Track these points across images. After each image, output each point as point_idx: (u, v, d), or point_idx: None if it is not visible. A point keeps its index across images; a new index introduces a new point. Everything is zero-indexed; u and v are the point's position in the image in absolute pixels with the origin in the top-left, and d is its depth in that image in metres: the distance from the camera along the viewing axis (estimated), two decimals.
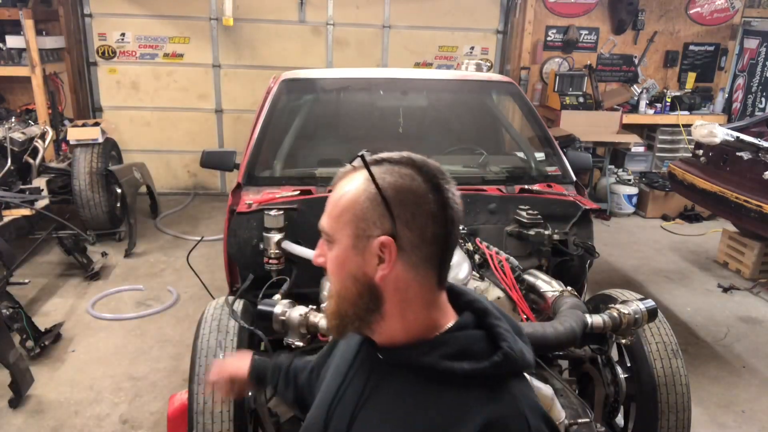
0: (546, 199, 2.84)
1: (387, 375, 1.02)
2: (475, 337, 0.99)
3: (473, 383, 0.94)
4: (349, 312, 1.00)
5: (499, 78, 3.88)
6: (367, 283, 0.97)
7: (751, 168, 4.33)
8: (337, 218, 0.99)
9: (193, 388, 2.07)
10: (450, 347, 0.97)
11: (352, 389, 1.07)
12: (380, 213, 0.95)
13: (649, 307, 2.07)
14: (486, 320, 1.01)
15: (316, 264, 1.06)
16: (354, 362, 1.11)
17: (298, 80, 3.49)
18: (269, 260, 2.50)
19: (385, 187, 0.95)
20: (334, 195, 1.01)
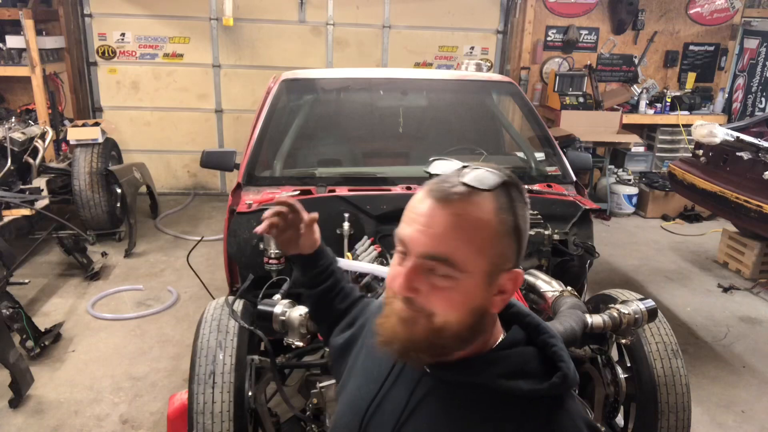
0: (546, 199, 2.84)
1: (434, 389, 0.97)
2: (529, 355, 0.96)
3: (529, 403, 0.91)
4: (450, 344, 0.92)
5: (499, 78, 3.88)
6: (483, 314, 0.92)
7: (751, 168, 4.33)
8: (474, 254, 0.88)
9: (193, 388, 2.07)
10: (505, 366, 0.93)
11: (392, 400, 1.02)
12: (515, 248, 0.92)
13: (649, 307, 2.07)
14: (540, 337, 0.98)
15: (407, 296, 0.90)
16: (392, 371, 1.04)
17: (298, 80, 3.49)
18: (269, 260, 2.50)
19: (518, 219, 0.91)
20: (464, 223, 0.87)
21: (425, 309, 0.90)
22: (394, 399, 1.02)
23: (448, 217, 0.87)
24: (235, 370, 2.09)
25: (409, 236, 0.90)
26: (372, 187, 2.79)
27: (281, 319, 1.96)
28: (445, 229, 0.87)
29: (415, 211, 0.91)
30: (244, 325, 2.17)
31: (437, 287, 0.89)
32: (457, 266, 0.87)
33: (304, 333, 1.96)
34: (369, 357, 1.13)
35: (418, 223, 0.90)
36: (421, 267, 0.89)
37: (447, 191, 0.89)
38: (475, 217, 0.87)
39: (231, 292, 2.80)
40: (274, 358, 2.11)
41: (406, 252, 0.91)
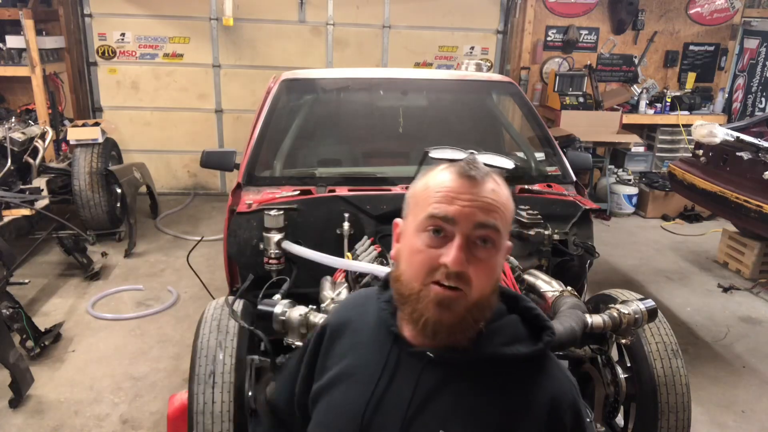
0: (546, 199, 2.84)
1: (440, 374, 1.01)
2: (516, 322, 1.06)
3: (528, 364, 1.02)
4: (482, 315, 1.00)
5: (499, 78, 3.88)
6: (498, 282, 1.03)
7: (751, 168, 4.33)
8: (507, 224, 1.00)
9: (193, 388, 2.07)
10: (503, 335, 1.03)
11: (393, 395, 1.02)
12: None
13: (649, 307, 2.07)
14: (519, 305, 1.08)
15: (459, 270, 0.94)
16: (385, 367, 1.05)
17: (298, 80, 3.49)
18: (269, 260, 2.50)
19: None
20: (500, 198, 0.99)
21: (470, 282, 0.95)
22: (395, 395, 1.02)
23: (490, 192, 0.97)
24: (235, 370, 2.09)
25: (457, 211, 0.95)
26: (372, 187, 2.79)
27: (281, 319, 1.96)
28: (492, 201, 0.97)
29: (453, 191, 0.97)
30: (244, 325, 2.16)
31: (480, 259, 0.96)
32: (503, 233, 0.98)
33: (304, 333, 1.96)
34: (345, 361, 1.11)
35: (462, 200, 0.96)
36: (471, 238, 0.96)
37: (481, 170, 0.99)
38: (504, 192, 1.00)
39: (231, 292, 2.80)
40: (274, 358, 2.11)
41: (448, 229, 0.96)
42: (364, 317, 1.13)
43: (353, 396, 1.05)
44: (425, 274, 0.96)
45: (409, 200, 1.05)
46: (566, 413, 1.01)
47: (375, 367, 1.05)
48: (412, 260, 0.98)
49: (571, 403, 1.03)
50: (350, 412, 1.04)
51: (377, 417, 1.02)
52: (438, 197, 0.97)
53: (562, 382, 1.04)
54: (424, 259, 0.96)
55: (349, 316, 1.17)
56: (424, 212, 0.98)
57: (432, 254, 0.96)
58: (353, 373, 1.08)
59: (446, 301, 0.95)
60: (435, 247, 0.96)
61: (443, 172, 1.01)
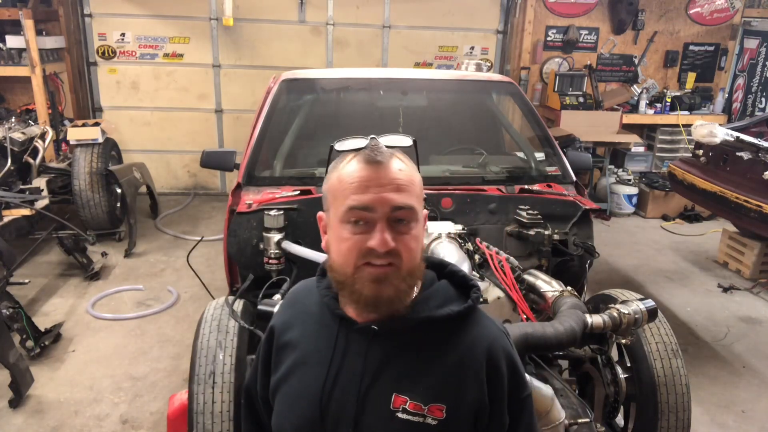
0: (546, 199, 2.84)
1: (385, 344, 1.10)
2: (446, 286, 1.16)
3: (462, 321, 1.12)
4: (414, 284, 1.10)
5: (499, 78, 3.88)
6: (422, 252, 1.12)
7: (751, 168, 4.33)
8: (418, 196, 1.08)
9: (193, 388, 2.07)
10: (436, 299, 1.12)
11: (346, 374, 1.10)
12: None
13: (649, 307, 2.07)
14: (446, 270, 1.19)
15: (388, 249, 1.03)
16: (336, 347, 1.12)
17: (298, 80, 3.49)
18: (269, 260, 2.50)
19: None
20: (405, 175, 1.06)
21: (400, 256, 1.03)
22: (348, 370, 1.10)
23: (397, 173, 1.05)
24: (235, 370, 2.09)
25: (373, 199, 1.03)
26: None
27: None
28: (401, 183, 1.04)
29: (365, 178, 1.04)
30: (244, 325, 2.17)
31: (404, 234, 1.04)
32: (416, 209, 1.06)
33: None
34: (297, 351, 1.18)
35: (374, 185, 1.03)
36: (388, 221, 1.03)
37: (385, 153, 1.06)
38: (409, 169, 1.08)
39: (231, 292, 2.80)
40: None
41: (368, 217, 1.03)
42: (307, 308, 1.21)
43: (309, 380, 1.12)
44: (356, 258, 1.04)
45: (327, 194, 1.12)
46: (501, 360, 1.11)
47: (326, 349, 1.13)
48: (341, 248, 1.06)
49: (504, 348, 1.13)
50: (309, 395, 1.11)
51: (335, 394, 1.09)
52: (352, 188, 1.04)
53: (494, 331, 1.14)
54: (352, 246, 1.04)
55: (292, 311, 1.25)
56: (343, 204, 1.05)
57: (359, 240, 1.04)
58: (306, 359, 1.15)
59: (381, 277, 1.04)
60: (360, 233, 1.04)
61: (351, 162, 1.08)
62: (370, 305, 1.06)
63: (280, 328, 1.24)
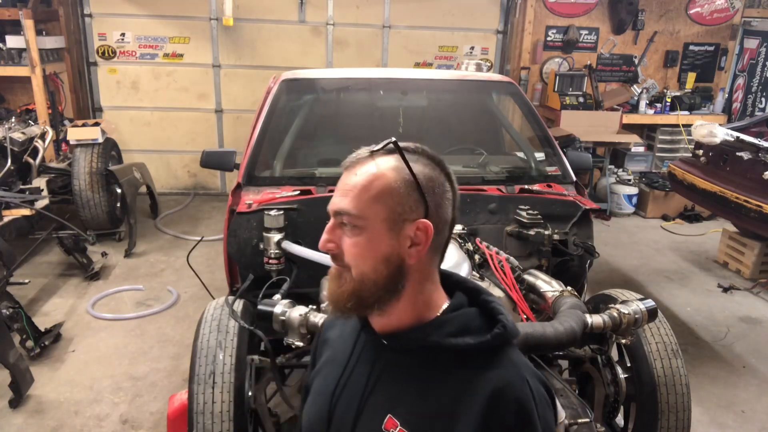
0: (546, 199, 2.84)
1: (392, 360, 1.07)
2: (472, 315, 1.07)
3: (476, 356, 1.02)
4: (372, 293, 1.03)
5: (499, 78, 3.88)
6: (398, 265, 1.03)
7: (751, 168, 4.33)
8: (370, 202, 1.00)
9: (193, 388, 2.07)
10: (452, 326, 1.04)
11: (355, 378, 1.10)
12: (415, 199, 1.01)
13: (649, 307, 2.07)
14: (479, 298, 1.10)
15: (326, 249, 1.05)
16: (353, 352, 1.13)
17: (298, 80, 3.49)
18: (269, 260, 2.50)
19: (417, 175, 1.01)
20: (360, 179, 1.02)
21: (344, 261, 1.03)
22: (357, 376, 1.10)
23: (352, 177, 1.03)
24: (235, 370, 2.09)
25: (330, 203, 1.05)
26: None
27: (281, 319, 1.96)
28: (349, 186, 1.02)
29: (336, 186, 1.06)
30: (244, 325, 2.17)
31: (349, 239, 1.02)
32: (358, 215, 1.00)
33: (304, 333, 1.96)
34: (331, 349, 1.21)
35: (335, 191, 1.05)
36: (335, 224, 1.04)
37: (353, 159, 1.05)
38: (372, 173, 1.01)
39: (231, 292, 2.80)
40: (274, 358, 2.11)
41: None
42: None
43: (329, 379, 1.15)
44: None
45: None
46: (508, 408, 0.97)
47: (347, 352, 1.14)
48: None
49: (518, 398, 0.98)
50: (324, 394, 1.14)
51: (342, 398, 1.11)
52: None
53: (510, 376, 1.00)
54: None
55: None
56: None
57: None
58: (334, 358, 1.18)
59: (334, 274, 1.06)
60: None
61: None
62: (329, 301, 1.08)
63: (326, 326, 1.29)
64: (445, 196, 1.05)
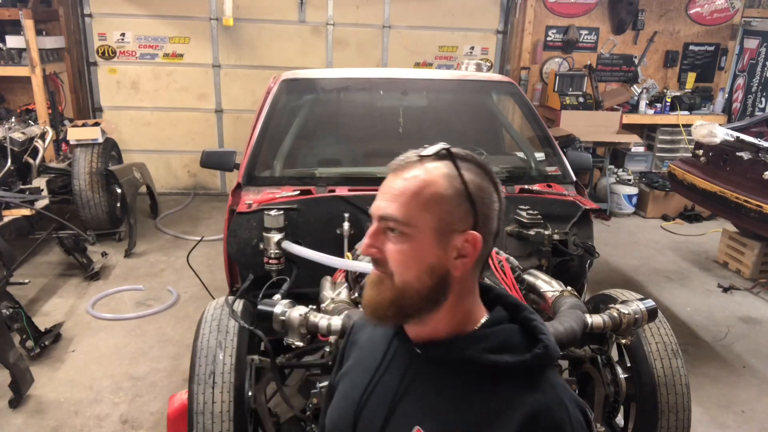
0: (546, 199, 2.84)
1: (425, 370, 1.03)
2: (512, 331, 1.03)
3: (514, 375, 0.98)
4: (414, 303, 1.00)
5: (499, 78, 3.88)
6: (443, 275, 1.00)
7: (751, 168, 4.33)
8: (420, 209, 0.97)
9: (193, 388, 2.07)
10: (491, 341, 1.00)
11: (385, 384, 1.07)
12: (465, 209, 0.98)
13: (649, 307, 2.07)
14: (521, 314, 1.06)
15: (368, 254, 1.02)
16: (384, 358, 1.10)
17: (298, 80, 3.49)
18: (269, 260, 2.50)
19: (468, 184, 0.98)
20: (409, 184, 0.98)
21: (387, 268, 1.00)
22: (386, 383, 1.07)
23: (400, 181, 0.99)
24: (235, 370, 2.09)
25: (373, 206, 1.03)
26: (372, 187, 2.78)
27: (281, 319, 1.96)
28: (397, 191, 0.98)
29: (380, 187, 1.03)
30: (244, 325, 2.17)
31: (394, 246, 0.99)
32: (406, 222, 0.97)
33: (304, 333, 1.96)
34: (360, 352, 1.19)
35: (379, 194, 1.02)
36: (379, 228, 1.01)
37: (400, 162, 1.02)
38: (422, 179, 0.98)
39: (231, 292, 2.80)
40: (274, 358, 2.11)
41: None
42: None
43: (357, 383, 1.12)
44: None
45: None
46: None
47: (378, 357, 1.11)
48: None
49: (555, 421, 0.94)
50: (351, 398, 1.11)
51: (370, 403, 1.08)
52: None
53: (549, 399, 0.96)
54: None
55: None
56: None
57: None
58: (362, 362, 1.15)
59: (374, 280, 1.03)
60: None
61: None
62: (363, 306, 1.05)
63: (356, 327, 1.26)
64: (493, 206, 1.01)
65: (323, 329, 1.94)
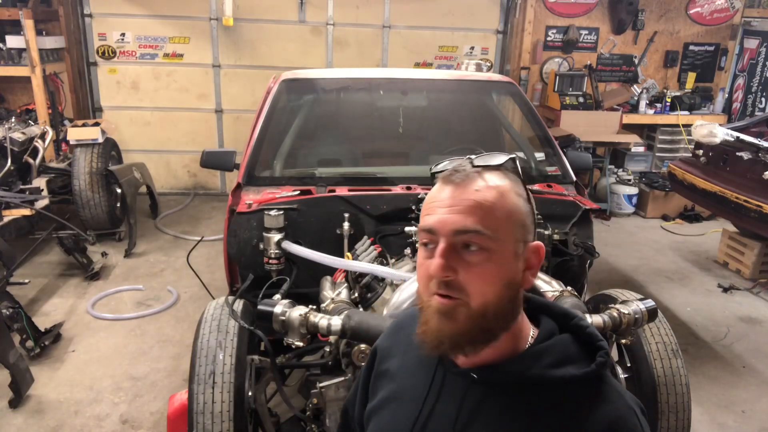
0: (546, 199, 2.84)
1: (484, 396, 0.97)
2: (568, 342, 0.99)
3: (579, 388, 0.94)
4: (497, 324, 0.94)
5: (499, 78, 3.88)
6: (518, 291, 0.96)
7: (751, 168, 4.33)
8: (503, 221, 0.92)
9: (193, 388, 2.07)
10: (551, 356, 0.96)
11: (440, 415, 1.00)
12: (531, 220, 0.97)
13: (649, 307, 2.07)
14: (571, 323, 1.01)
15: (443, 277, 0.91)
16: (431, 387, 1.03)
17: (298, 80, 3.49)
18: (269, 260, 2.50)
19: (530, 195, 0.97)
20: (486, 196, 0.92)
21: (464, 289, 0.91)
22: (441, 415, 1.00)
23: (471, 194, 0.92)
24: (235, 370, 2.09)
25: (436, 221, 0.93)
26: (372, 187, 2.79)
27: (281, 319, 1.96)
28: (471, 203, 0.92)
29: (437, 200, 0.95)
30: (244, 325, 2.16)
31: (472, 264, 0.91)
32: (489, 235, 0.91)
33: (304, 333, 1.96)
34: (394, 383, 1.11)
35: (442, 207, 0.93)
36: (453, 245, 0.92)
37: (464, 173, 0.95)
38: (498, 190, 0.93)
39: (231, 292, 2.80)
40: (274, 358, 2.11)
41: (435, 239, 0.94)
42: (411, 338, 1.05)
43: (401, 416, 1.05)
44: (425, 285, 0.95)
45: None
46: None
47: (422, 387, 1.04)
48: (419, 274, 0.98)
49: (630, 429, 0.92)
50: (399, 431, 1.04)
51: None
52: (426, 210, 0.98)
53: (620, 407, 0.94)
54: (424, 271, 0.96)
55: (395, 338, 1.17)
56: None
57: (428, 265, 0.94)
58: (401, 394, 1.08)
59: (444, 310, 0.93)
60: (429, 257, 0.95)
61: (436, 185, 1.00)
62: (430, 339, 0.95)
63: (382, 354, 1.17)
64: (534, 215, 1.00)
65: (323, 329, 1.94)
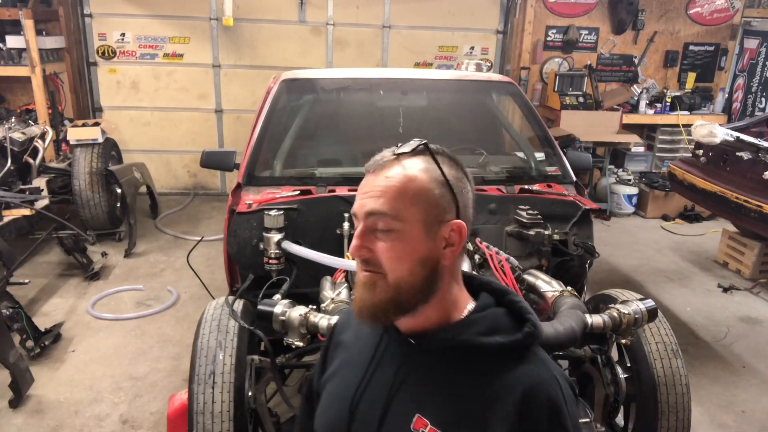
0: (546, 199, 2.84)
1: (419, 360, 1.06)
2: (500, 314, 1.08)
3: (507, 355, 1.03)
4: (411, 297, 1.03)
5: (499, 78, 3.88)
6: (434, 267, 1.03)
7: (751, 168, 4.33)
8: (407, 204, 1.00)
9: (193, 388, 2.07)
10: (482, 325, 1.05)
11: (379, 379, 1.09)
12: (448, 200, 1.03)
13: (649, 307, 2.07)
14: (506, 298, 1.10)
15: (359, 255, 1.03)
16: (375, 353, 1.12)
17: (298, 80, 3.49)
18: (269, 260, 2.50)
19: (448, 176, 1.03)
20: (393, 182, 1.01)
21: (379, 267, 1.01)
22: (380, 379, 1.09)
23: (382, 180, 1.02)
24: (235, 370, 2.09)
25: (355, 206, 1.04)
26: None
27: (281, 319, 1.96)
28: (381, 188, 1.01)
29: (359, 188, 1.06)
30: (244, 325, 2.17)
31: (384, 243, 1.01)
32: (395, 216, 1.00)
33: (303, 333, 1.96)
34: (347, 351, 1.20)
35: (360, 194, 1.04)
36: (367, 228, 1.02)
37: (378, 161, 1.05)
38: (404, 175, 1.01)
39: (231, 292, 2.80)
40: (274, 358, 2.12)
41: (358, 223, 1.04)
42: None
43: (348, 381, 1.13)
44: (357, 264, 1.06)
45: None
46: (540, 408, 0.99)
47: (368, 353, 1.13)
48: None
49: (549, 396, 1.00)
50: (343, 396, 1.12)
51: (364, 399, 1.09)
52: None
53: (541, 374, 1.02)
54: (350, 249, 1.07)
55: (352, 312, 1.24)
56: None
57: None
58: (352, 361, 1.16)
59: (365, 282, 1.04)
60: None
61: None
62: (356, 308, 1.06)
63: (339, 327, 1.27)
64: (468, 195, 1.07)
65: (323, 329, 1.94)
